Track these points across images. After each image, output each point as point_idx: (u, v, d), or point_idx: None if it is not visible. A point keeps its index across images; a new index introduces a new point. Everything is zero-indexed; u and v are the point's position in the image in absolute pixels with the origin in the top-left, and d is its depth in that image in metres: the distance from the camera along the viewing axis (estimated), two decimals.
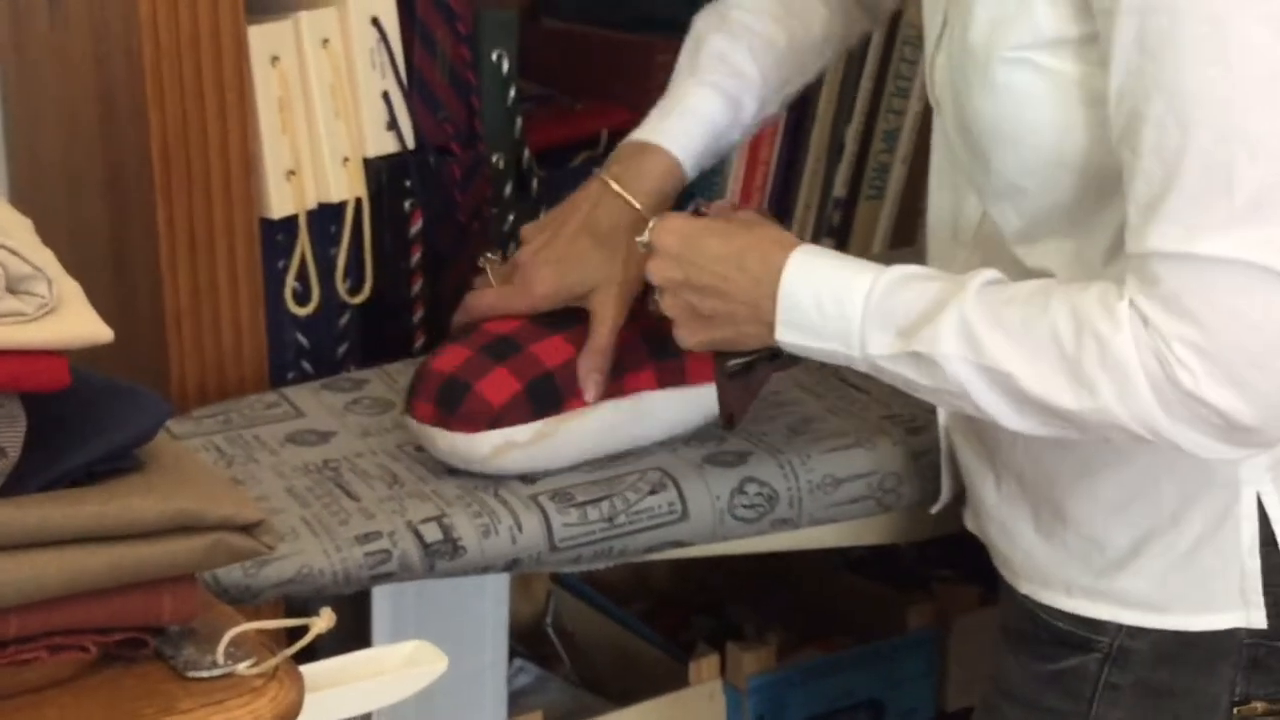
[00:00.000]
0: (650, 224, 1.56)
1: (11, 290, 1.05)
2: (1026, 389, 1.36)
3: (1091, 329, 1.33)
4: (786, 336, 1.47)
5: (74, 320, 1.06)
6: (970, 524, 1.65)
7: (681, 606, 2.27)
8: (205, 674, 1.09)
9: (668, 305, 1.55)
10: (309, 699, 1.13)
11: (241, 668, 1.09)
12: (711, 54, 1.74)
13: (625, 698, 2.02)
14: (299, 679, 1.11)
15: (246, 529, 1.11)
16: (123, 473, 1.10)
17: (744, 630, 2.20)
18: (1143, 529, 1.49)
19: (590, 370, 1.65)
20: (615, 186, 1.68)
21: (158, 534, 1.08)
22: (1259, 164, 1.28)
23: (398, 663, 1.21)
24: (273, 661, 1.09)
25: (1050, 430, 1.40)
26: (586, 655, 2.18)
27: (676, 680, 2.03)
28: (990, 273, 1.42)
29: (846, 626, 2.17)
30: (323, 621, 1.10)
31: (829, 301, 1.44)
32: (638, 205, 1.67)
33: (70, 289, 1.11)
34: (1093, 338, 1.33)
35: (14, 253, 1.05)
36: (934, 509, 1.72)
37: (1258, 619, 1.47)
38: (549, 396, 1.64)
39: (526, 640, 2.19)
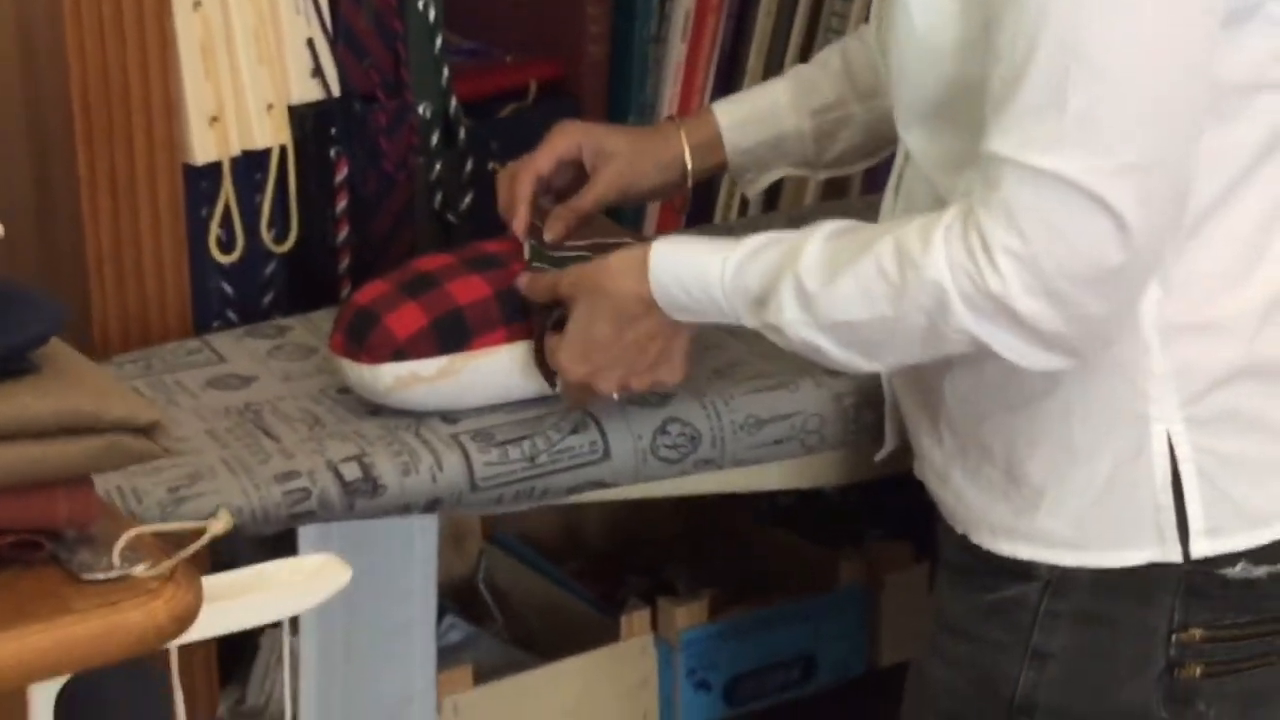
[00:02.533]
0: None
1: None
2: (866, 335, 1.42)
3: (909, 257, 1.38)
4: (678, 317, 1.54)
5: None
6: (915, 470, 1.64)
7: (615, 565, 2.26)
8: (100, 576, 1.08)
9: (637, 384, 1.58)
10: (210, 608, 1.12)
11: (138, 570, 1.08)
12: (817, 55, 1.80)
13: (557, 654, 2.01)
14: (197, 583, 1.10)
15: (143, 431, 1.10)
16: (16, 374, 1.09)
17: (677, 588, 2.19)
18: (1055, 465, 1.49)
19: (558, 217, 1.69)
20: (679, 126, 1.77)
21: (51, 434, 1.07)
22: (1093, 85, 1.31)
23: (302, 574, 1.20)
24: (168, 563, 1.08)
25: (902, 362, 1.48)
26: (519, 613, 2.17)
27: (608, 636, 2.03)
28: (831, 225, 1.46)
29: (780, 583, 2.16)
30: (219, 524, 1.09)
31: (693, 287, 1.51)
32: (686, 147, 1.74)
33: None
34: (911, 265, 1.38)
35: None
36: (878, 457, 1.72)
37: (1174, 553, 1.47)
38: (456, 333, 1.63)
39: (459, 598, 2.18)
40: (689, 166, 1.75)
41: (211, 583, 1.15)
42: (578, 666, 2.00)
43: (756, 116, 1.77)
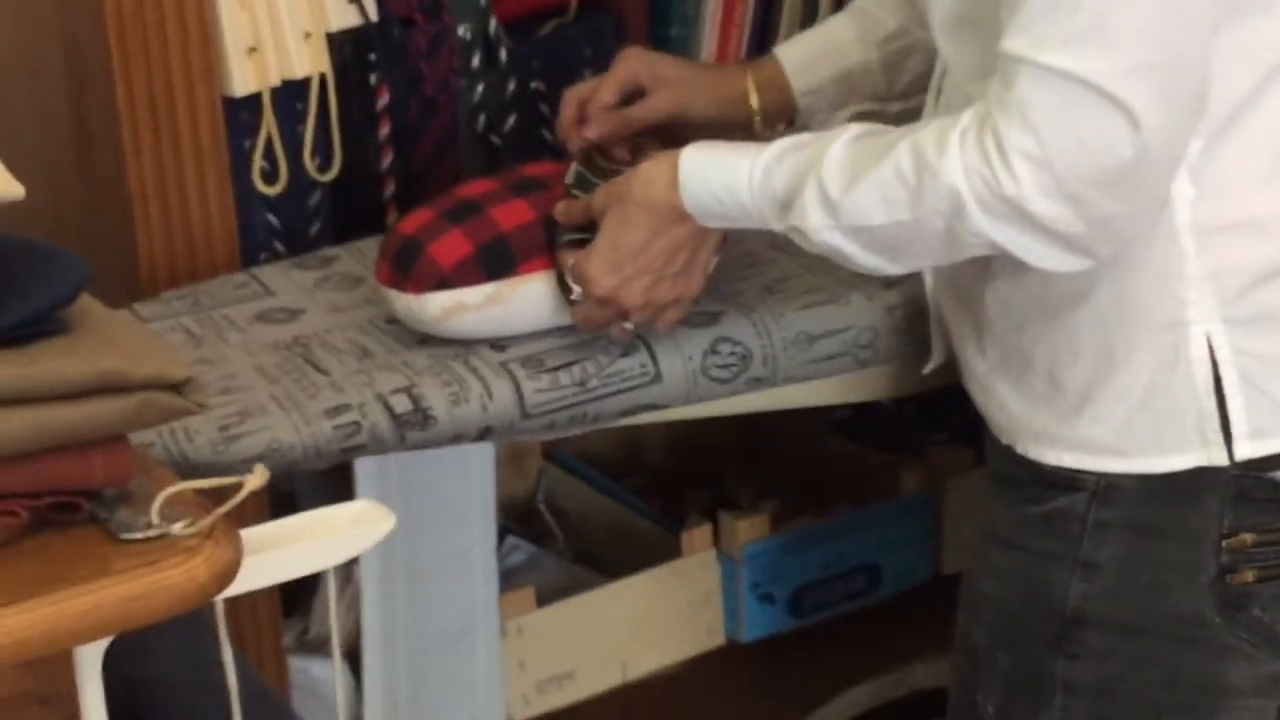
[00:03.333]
0: (571, 287, 1.60)
1: None
2: (886, 239, 1.43)
3: (925, 161, 1.39)
4: (708, 223, 1.54)
5: None
6: (963, 381, 1.63)
7: (675, 480, 2.26)
8: (139, 535, 1.08)
9: (661, 297, 1.58)
10: (250, 560, 1.12)
11: (176, 528, 1.08)
12: None
13: (619, 572, 2.01)
14: (236, 539, 1.10)
15: (175, 388, 1.09)
16: (46, 336, 1.08)
17: (739, 501, 2.18)
18: (1096, 372, 1.48)
19: (603, 120, 1.70)
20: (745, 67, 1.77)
21: (83, 395, 1.07)
22: None
23: (344, 522, 1.20)
24: (207, 520, 1.07)
25: (917, 266, 1.51)
26: (580, 531, 2.17)
27: (670, 552, 2.03)
28: (855, 129, 1.46)
29: (841, 493, 2.15)
30: (255, 479, 1.09)
31: (721, 191, 1.51)
32: (751, 85, 1.73)
33: None
34: (926, 169, 1.38)
35: None
36: (926, 370, 1.71)
37: (1219, 457, 1.45)
38: (501, 259, 1.62)
39: (520, 518, 2.18)
40: (755, 105, 1.73)
41: (252, 535, 1.14)
42: (640, 584, 2.00)
43: (821, 55, 1.75)
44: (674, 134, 1.70)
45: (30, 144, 1.85)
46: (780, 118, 1.77)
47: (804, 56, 1.75)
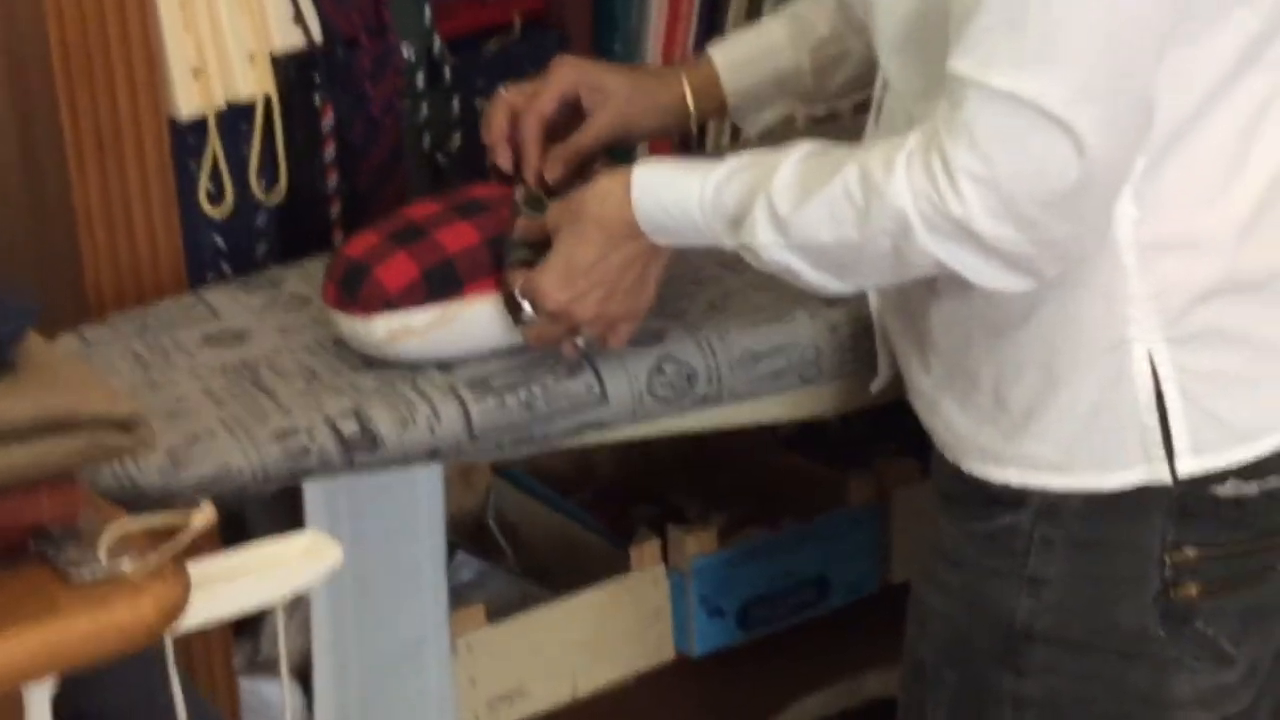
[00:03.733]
0: (521, 301, 1.60)
1: None
2: (834, 257, 1.44)
3: (872, 182, 1.39)
4: (660, 240, 1.55)
5: None
6: (909, 398, 1.64)
7: (624, 495, 2.26)
8: (87, 574, 1.08)
9: (613, 312, 1.58)
10: (199, 594, 1.12)
11: (124, 566, 1.08)
12: None
13: (569, 587, 2.02)
14: (184, 576, 1.10)
15: (123, 425, 1.10)
16: None
17: (687, 515, 2.19)
18: (1040, 389, 1.49)
19: (556, 157, 1.70)
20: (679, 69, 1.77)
21: (30, 435, 1.07)
22: (1054, 6, 1.31)
23: (292, 554, 1.20)
24: (154, 558, 1.08)
25: (865, 285, 1.51)
26: (529, 546, 2.18)
27: (620, 566, 2.03)
28: (805, 147, 1.47)
29: (789, 506, 2.16)
30: (201, 516, 1.09)
31: (673, 208, 1.52)
32: (688, 89, 1.75)
33: None
34: (873, 189, 1.39)
35: None
36: (873, 388, 1.72)
37: (1161, 473, 1.47)
38: (447, 282, 1.62)
39: (469, 534, 2.18)
40: (691, 109, 1.75)
41: (201, 569, 1.15)
42: (590, 600, 2.00)
43: (755, 56, 1.76)
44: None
45: None
46: (713, 116, 1.80)
47: (737, 57, 1.76)
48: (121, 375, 1.68)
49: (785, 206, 1.44)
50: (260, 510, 1.90)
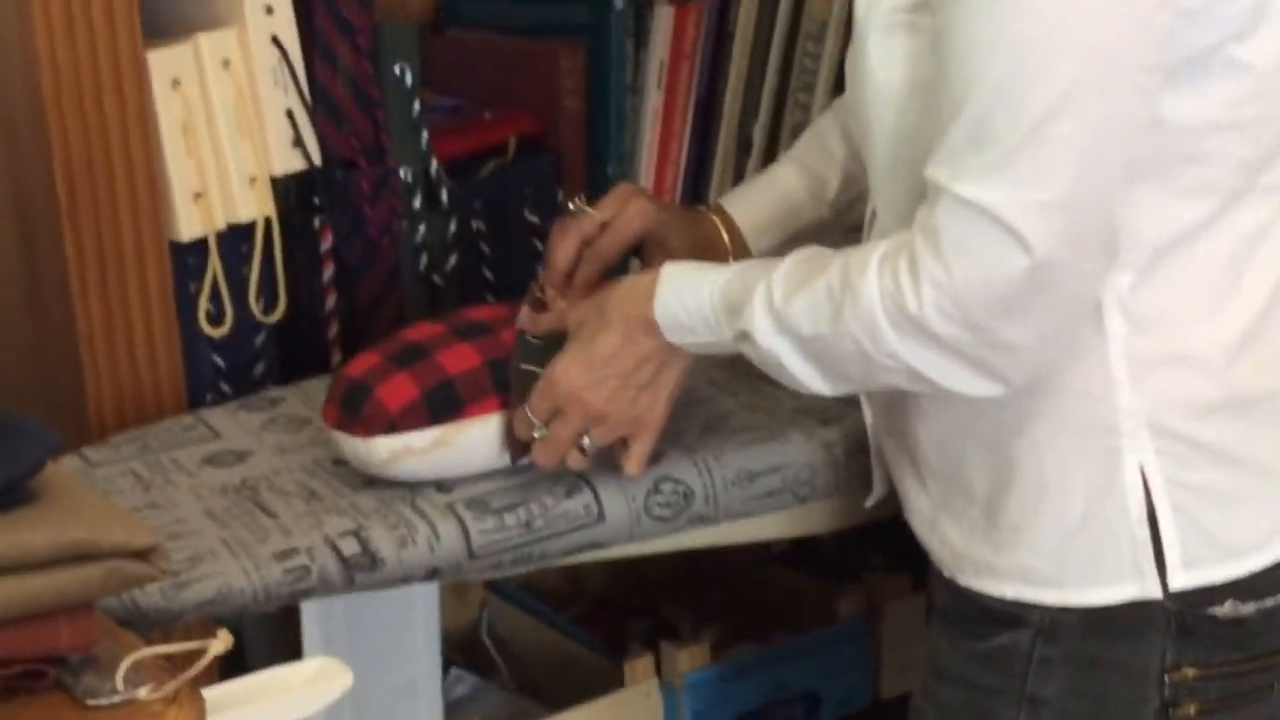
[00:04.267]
0: (532, 420, 1.63)
1: None
2: (815, 350, 1.48)
3: (848, 279, 1.44)
4: (675, 338, 1.58)
5: None
6: (905, 515, 1.66)
7: (617, 609, 2.28)
8: (104, 701, 1.10)
9: (623, 410, 1.61)
10: None
11: (141, 693, 1.09)
12: (810, 133, 1.84)
13: (563, 703, 2.03)
14: (199, 702, 1.11)
15: (141, 554, 1.11)
16: (13, 506, 1.10)
17: (679, 629, 2.20)
18: (1031, 501, 1.51)
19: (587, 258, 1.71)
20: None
21: (51, 565, 1.09)
22: (1020, 126, 1.35)
23: (302, 680, 1.22)
24: (171, 685, 1.09)
25: (848, 387, 1.52)
26: (524, 662, 2.19)
27: (613, 682, 2.04)
28: (809, 248, 1.52)
29: (780, 620, 2.17)
30: (219, 644, 1.11)
31: (689, 298, 1.56)
32: (729, 245, 1.78)
33: None
34: (848, 286, 1.44)
35: None
36: (868, 503, 1.74)
37: (1153, 588, 1.48)
38: (448, 403, 1.65)
39: (463, 649, 2.19)
40: (727, 244, 1.79)
41: (213, 695, 1.16)
42: (585, 715, 2.01)
43: (777, 220, 1.79)
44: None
45: None
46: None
47: (762, 220, 1.79)
48: (123, 495, 1.69)
49: (779, 295, 1.49)
50: (255, 624, 1.92)
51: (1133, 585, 1.49)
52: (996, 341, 1.40)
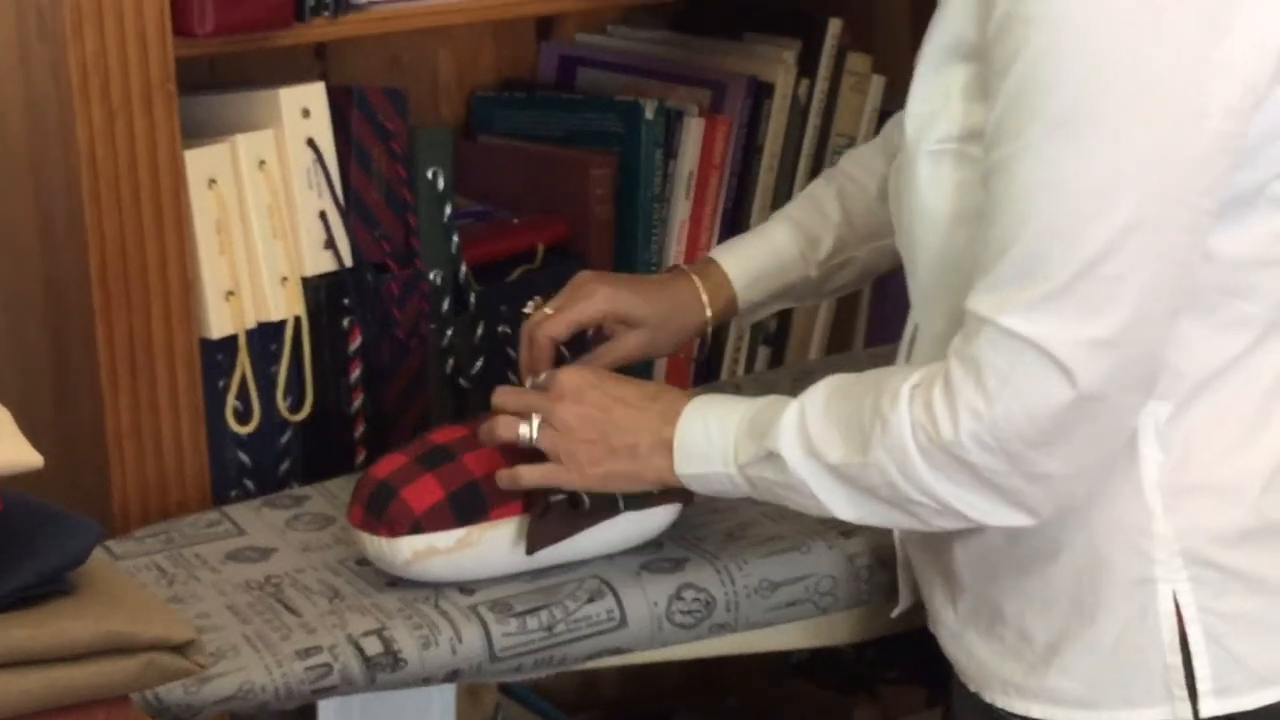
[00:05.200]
0: (543, 375, 1.65)
1: None
2: (845, 475, 1.48)
3: (880, 412, 1.44)
4: (681, 468, 1.58)
5: (4, 448, 1.08)
6: (930, 625, 1.67)
7: (631, 714, 2.28)
8: None
9: (577, 438, 1.61)
10: None
11: None
12: (806, 193, 1.86)
13: None
14: None
15: (179, 648, 1.12)
16: (55, 596, 1.11)
17: None
18: (1065, 624, 1.51)
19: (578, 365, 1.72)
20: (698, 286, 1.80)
21: (90, 656, 1.09)
22: (1074, 263, 1.36)
23: None
24: None
25: (878, 519, 1.51)
26: None
27: None
28: (842, 375, 1.52)
29: None
30: None
31: (714, 425, 1.56)
32: (709, 313, 1.79)
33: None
34: (880, 418, 1.44)
35: None
36: (894, 614, 1.75)
37: (1184, 712, 1.49)
38: (473, 505, 1.66)
39: None
40: (709, 325, 1.80)
41: None
42: None
43: (767, 273, 1.82)
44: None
45: (9, 382, 1.88)
46: (723, 321, 1.84)
47: (751, 272, 1.81)
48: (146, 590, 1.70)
49: (812, 418, 1.49)
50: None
51: (1164, 709, 1.49)
52: (1031, 472, 1.41)
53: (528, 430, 1.64)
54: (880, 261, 1.83)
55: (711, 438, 1.56)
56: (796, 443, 1.50)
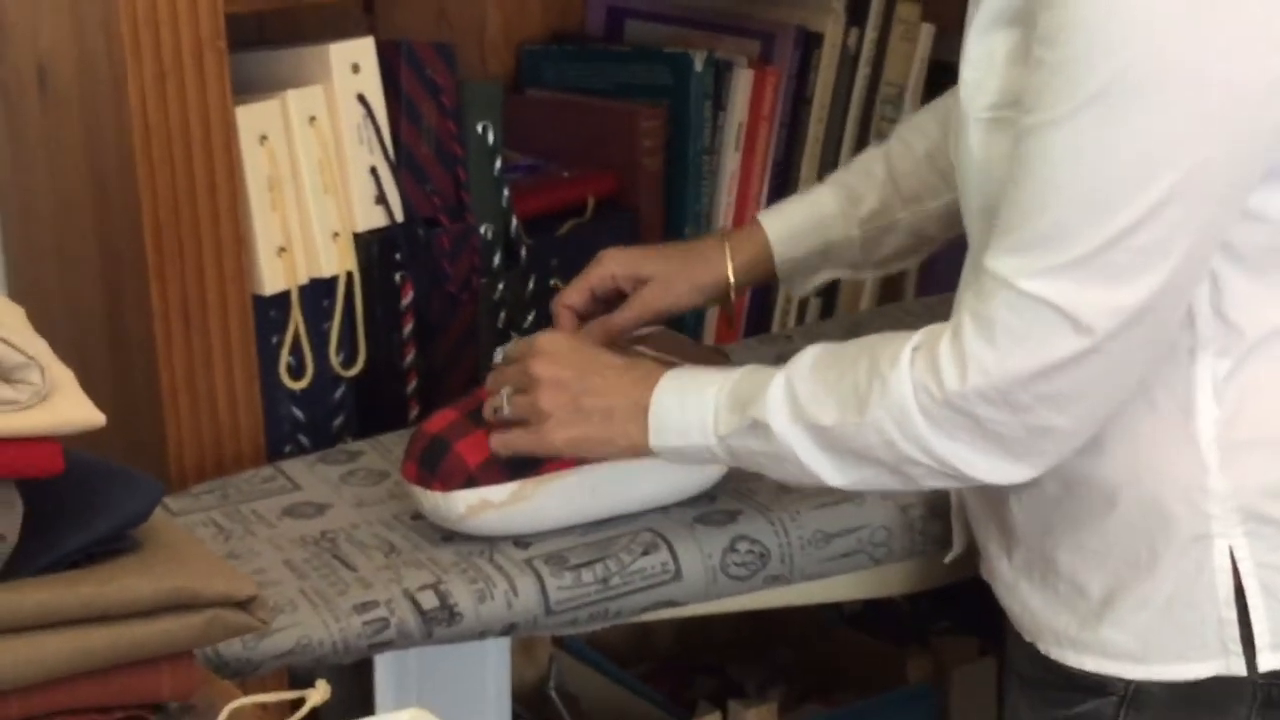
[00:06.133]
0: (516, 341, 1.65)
1: (5, 379, 1.08)
2: (836, 438, 1.48)
3: (878, 373, 1.44)
4: (656, 440, 1.57)
5: (67, 407, 1.09)
6: (983, 573, 1.67)
7: (684, 666, 2.29)
8: None
9: (546, 400, 1.60)
10: None
11: None
12: (857, 158, 1.84)
13: None
14: None
15: (241, 604, 1.13)
16: (119, 553, 1.12)
17: (746, 688, 2.21)
18: (1119, 577, 1.51)
19: (589, 333, 1.72)
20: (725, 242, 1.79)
21: (155, 612, 1.10)
22: (1103, 231, 1.35)
23: None
24: None
25: (868, 483, 1.51)
26: (590, 718, 2.19)
27: None
28: (825, 344, 1.52)
29: (847, 682, 2.18)
30: (317, 694, 1.12)
31: (691, 396, 1.55)
32: (730, 267, 1.77)
33: (63, 376, 1.13)
34: (878, 379, 1.44)
35: (7, 342, 1.07)
36: (948, 559, 1.75)
37: (1238, 667, 1.48)
38: (526, 459, 1.66)
39: (530, 704, 2.20)
40: (731, 284, 1.79)
41: None
42: None
43: (806, 229, 1.81)
44: None
45: (65, 340, 1.88)
46: (756, 285, 1.85)
47: (789, 229, 1.80)
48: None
49: (801, 387, 1.49)
50: (322, 675, 1.93)
51: (1219, 663, 1.49)
52: (1036, 425, 1.41)
53: (497, 403, 1.64)
54: (927, 227, 1.81)
55: (687, 411, 1.55)
56: (783, 410, 1.49)
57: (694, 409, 1.54)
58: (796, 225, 1.80)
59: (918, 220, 1.80)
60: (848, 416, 1.46)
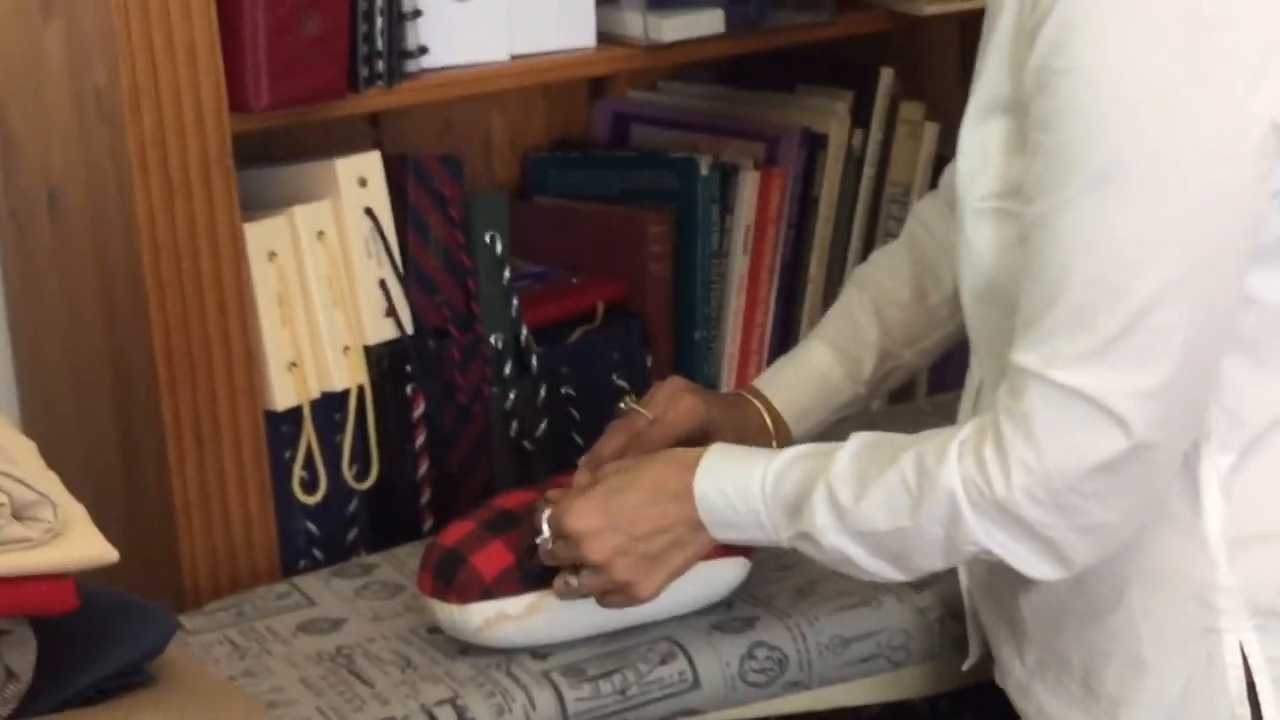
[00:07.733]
0: (545, 514, 1.62)
1: (18, 517, 1.08)
2: (891, 545, 1.48)
3: (925, 469, 1.45)
4: (719, 534, 1.58)
5: (80, 543, 1.09)
6: (997, 679, 1.66)
7: None
8: None
9: (619, 571, 1.59)
10: None
11: None
12: (839, 309, 1.82)
13: None
14: None
15: None
16: (134, 688, 1.11)
17: None
18: (1129, 676, 1.51)
19: (583, 468, 1.70)
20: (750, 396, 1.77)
21: None
22: (1122, 313, 1.36)
23: None
24: None
25: (919, 572, 1.52)
26: None
27: None
28: (864, 436, 1.51)
29: None
30: None
31: (735, 497, 1.55)
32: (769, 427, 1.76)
33: (75, 512, 1.13)
34: (926, 476, 1.44)
35: (19, 480, 1.07)
36: (965, 666, 1.74)
37: None
38: (542, 569, 1.66)
39: None
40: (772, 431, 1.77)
41: None
42: None
43: (818, 404, 1.79)
44: None
45: (77, 460, 1.89)
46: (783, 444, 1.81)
47: (802, 405, 1.78)
48: (219, 664, 1.70)
49: (844, 494, 1.48)
50: None
51: None
52: (1084, 524, 1.41)
53: (571, 586, 1.63)
54: (927, 359, 1.82)
55: (738, 509, 1.55)
56: (830, 522, 1.49)
57: (744, 511, 1.54)
58: (810, 403, 1.79)
59: (917, 358, 1.82)
60: (900, 520, 1.46)
